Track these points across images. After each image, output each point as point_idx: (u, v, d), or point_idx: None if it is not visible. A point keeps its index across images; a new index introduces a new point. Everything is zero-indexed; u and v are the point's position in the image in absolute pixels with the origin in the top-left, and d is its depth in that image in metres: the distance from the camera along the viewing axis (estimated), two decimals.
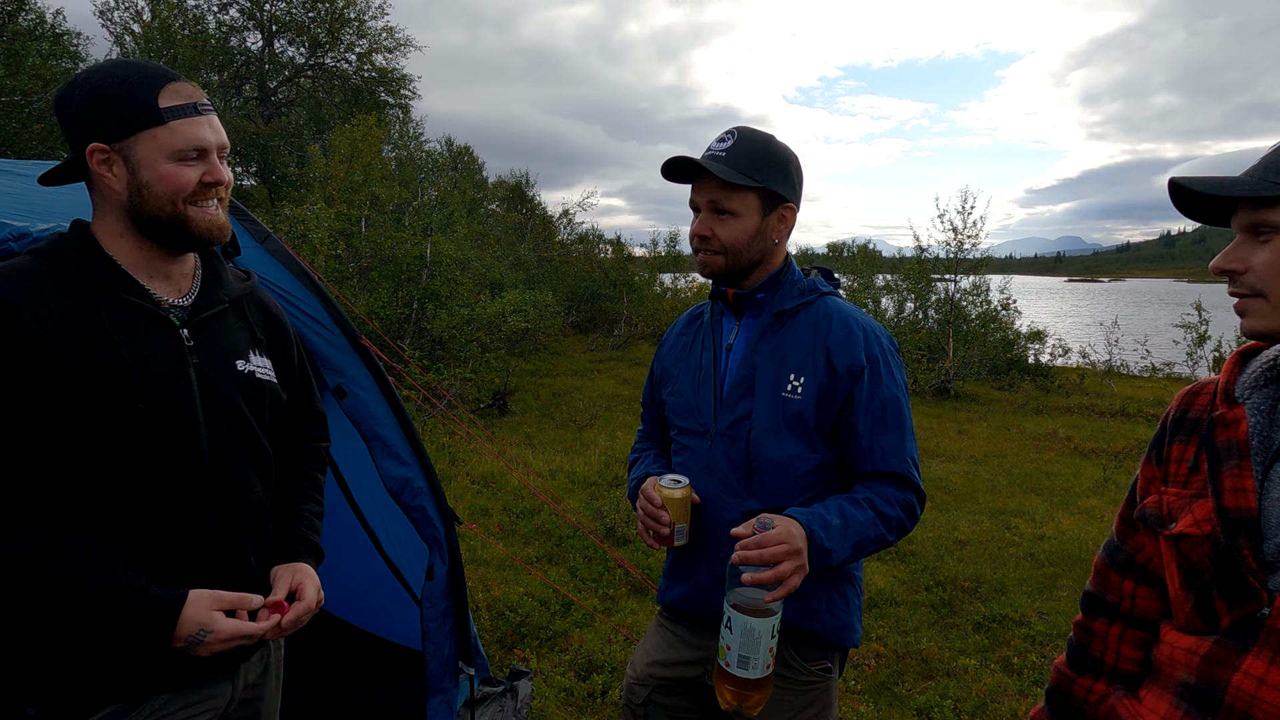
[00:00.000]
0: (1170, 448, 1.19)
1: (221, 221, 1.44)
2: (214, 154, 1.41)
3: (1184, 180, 1.08)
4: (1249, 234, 1.05)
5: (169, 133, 1.35)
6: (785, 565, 1.44)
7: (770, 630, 1.45)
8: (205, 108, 1.40)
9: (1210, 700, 1.02)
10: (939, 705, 3.47)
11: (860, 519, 1.59)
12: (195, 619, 1.33)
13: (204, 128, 1.39)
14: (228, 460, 1.46)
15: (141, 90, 1.34)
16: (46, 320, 1.28)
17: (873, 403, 1.66)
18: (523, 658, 3.76)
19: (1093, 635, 1.30)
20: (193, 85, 1.41)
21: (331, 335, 2.29)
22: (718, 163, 1.66)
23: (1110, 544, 1.31)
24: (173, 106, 1.35)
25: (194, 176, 1.37)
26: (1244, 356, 1.17)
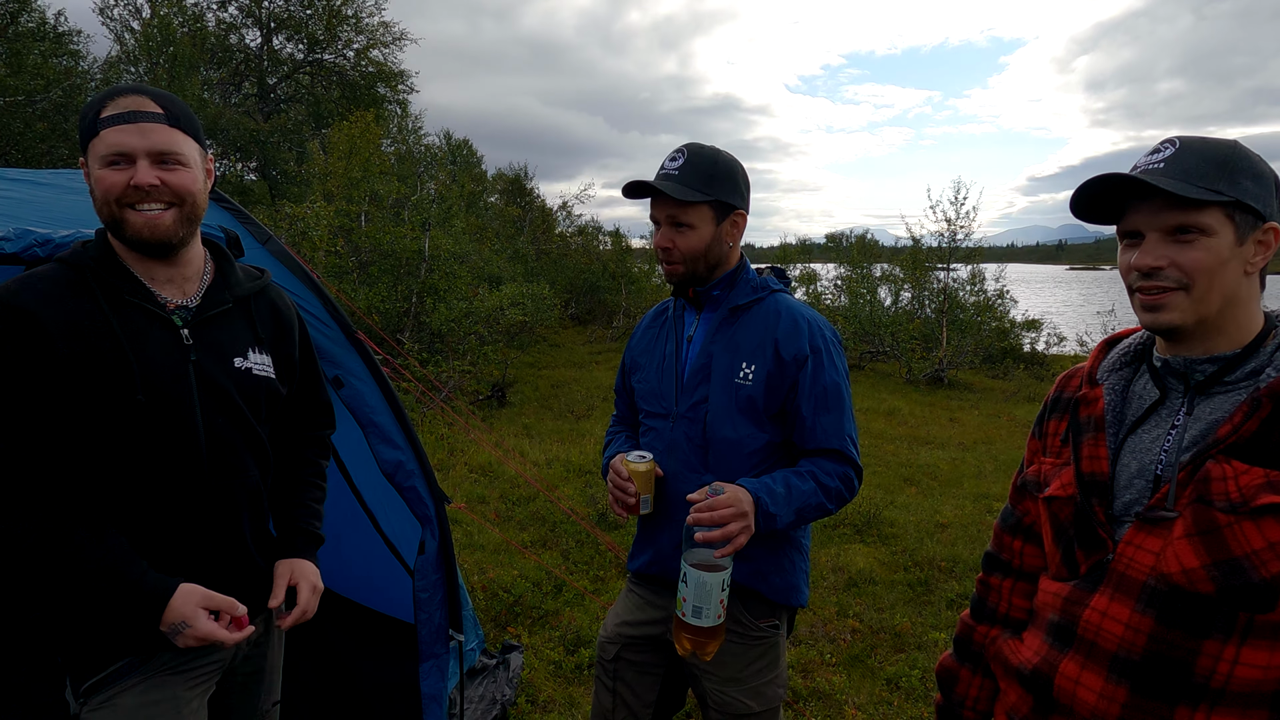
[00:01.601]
0: (1048, 423, 1.37)
1: (161, 223, 1.51)
2: (142, 159, 1.48)
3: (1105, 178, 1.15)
4: (1166, 235, 1.14)
5: (99, 141, 1.48)
6: (733, 526, 1.65)
7: (720, 584, 1.65)
8: (142, 115, 1.48)
9: (1068, 633, 1.21)
10: (907, 675, 3.67)
11: (803, 488, 1.78)
12: (180, 611, 1.51)
13: (129, 134, 1.46)
14: (223, 448, 1.62)
15: (95, 105, 1.49)
16: (63, 322, 1.46)
17: (815, 388, 1.84)
18: (515, 634, 3.96)
19: (990, 589, 1.49)
20: (144, 98, 1.50)
21: (329, 330, 2.48)
22: (671, 182, 1.84)
23: (1005, 510, 1.49)
24: (108, 116, 1.48)
25: (120, 180, 1.47)
26: (1108, 344, 1.36)
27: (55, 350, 1.44)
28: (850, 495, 1.86)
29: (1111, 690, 1.13)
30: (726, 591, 1.68)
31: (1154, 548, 1.12)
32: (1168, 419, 1.19)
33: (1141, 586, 1.12)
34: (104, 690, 1.53)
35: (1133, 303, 1.20)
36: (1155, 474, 1.16)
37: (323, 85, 22.34)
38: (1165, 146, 1.16)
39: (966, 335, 14.41)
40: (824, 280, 21.03)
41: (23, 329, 1.43)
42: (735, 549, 1.66)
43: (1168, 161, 1.14)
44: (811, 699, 3.51)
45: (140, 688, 1.54)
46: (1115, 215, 1.21)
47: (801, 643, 4.02)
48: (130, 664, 1.54)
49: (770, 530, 1.75)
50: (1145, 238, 1.16)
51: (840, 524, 5.82)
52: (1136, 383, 1.27)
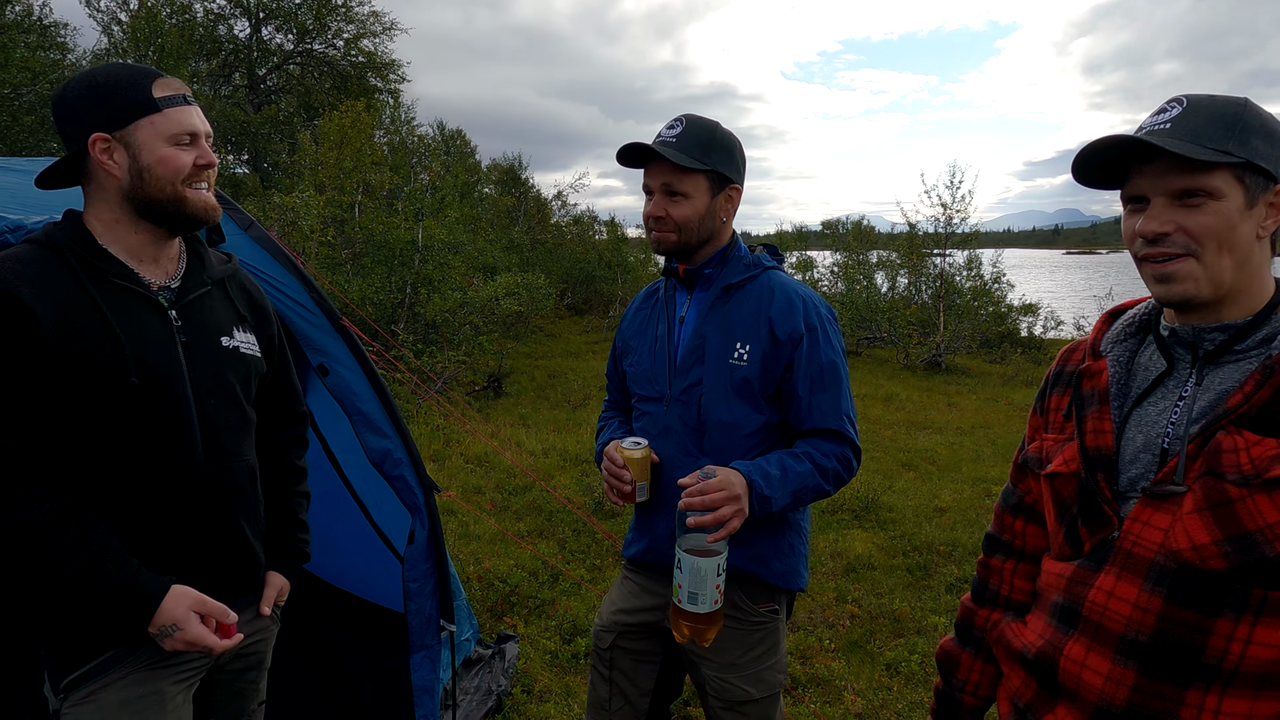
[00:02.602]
0: (1050, 398, 1.33)
1: (213, 202, 1.58)
2: (203, 139, 1.56)
3: (1115, 140, 1.09)
4: (1172, 199, 1.09)
5: (164, 119, 1.49)
6: (725, 509, 1.60)
7: (715, 569, 1.60)
8: (191, 99, 1.56)
9: (1072, 615, 1.17)
10: (906, 660, 3.64)
11: (799, 470, 1.74)
12: (172, 614, 1.47)
13: (194, 115, 1.54)
14: (218, 430, 1.59)
15: (137, 83, 1.49)
16: (48, 304, 1.41)
17: (811, 366, 1.79)
18: (511, 625, 3.93)
19: (991, 571, 1.44)
20: (178, 80, 1.56)
21: (314, 317, 2.42)
22: (669, 148, 1.79)
23: (1006, 490, 1.45)
24: (166, 96, 1.50)
25: (189, 159, 1.51)
26: (1112, 316, 1.31)
27: (43, 334, 1.39)
28: (849, 476, 1.81)
29: (1119, 672, 1.09)
30: (723, 576, 1.64)
31: (1162, 524, 1.08)
32: (1175, 390, 1.14)
33: (1149, 564, 1.08)
34: (85, 685, 1.49)
35: (1142, 273, 1.14)
36: (1162, 447, 1.12)
37: (313, 76, 22.18)
38: (1172, 105, 1.11)
39: (963, 320, 14.38)
40: (820, 267, 20.98)
41: (8, 313, 1.38)
42: (729, 533, 1.61)
43: (1174, 121, 1.09)
44: (810, 685, 3.48)
45: (123, 682, 1.50)
46: (1119, 179, 1.16)
47: (800, 629, 3.99)
48: (115, 656, 1.50)
49: (766, 514, 1.70)
50: (1150, 202, 1.10)
51: (838, 509, 5.79)
52: (1142, 354, 1.22)
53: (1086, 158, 1.14)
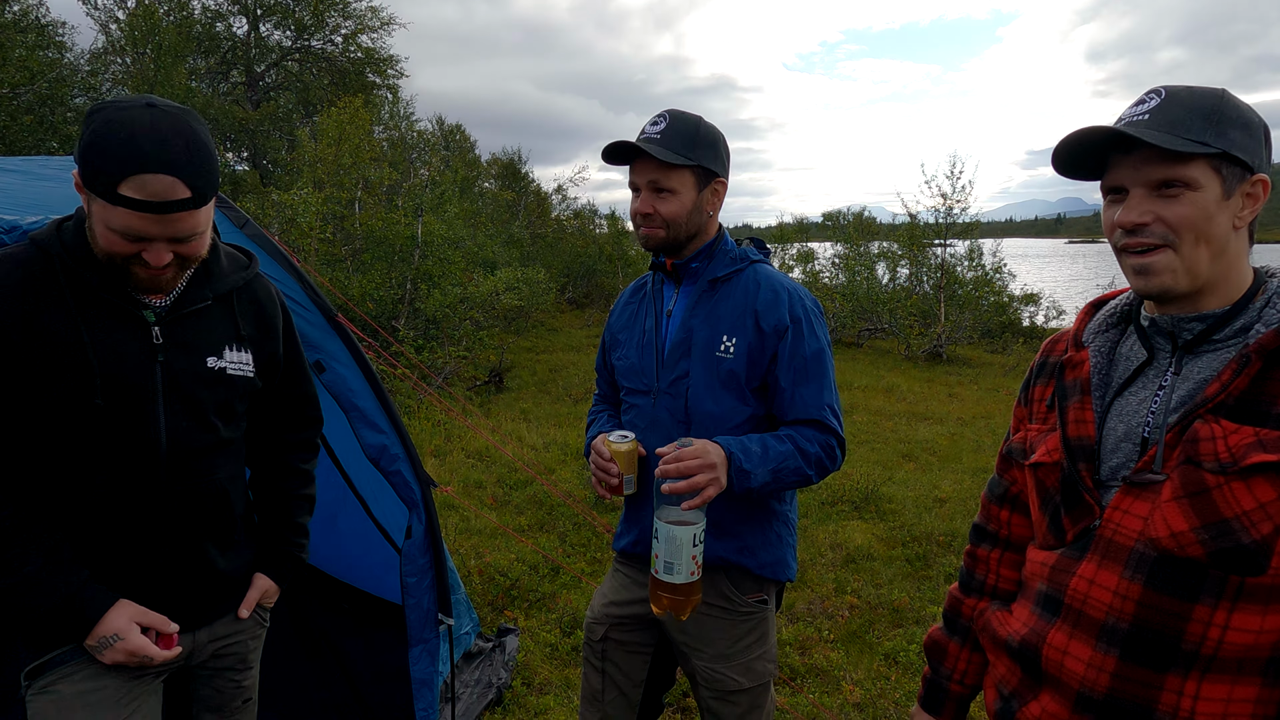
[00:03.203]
0: (1034, 389, 1.34)
1: (163, 279, 1.45)
2: (160, 242, 1.39)
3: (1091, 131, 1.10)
4: (1151, 190, 1.10)
5: (114, 212, 1.35)
6: (700, 477, 1.62)
7: (691, 539, 1.62)
8: (171, 206, 1.35)
9: (1055, 603, 1.18)
10: (905, 650, 3.66)
11: (780, 449, 1.74)
12: (113, 625, 1.48)
13: (149, 223, 1.35)
14: (187, 453, 1.55)
15: (112, 165, 1.32)
16: (18, 312, 1.39)
17: (794, 359, 1.80)
18: (511, 618, 3.95)
19: (977, 561, 1.46)
20: (172, 180, 1.34)
21: (309, 314, 2.43)
22: (654, 144, 1.79)
23: (992, 480, 1.46)
24: (129, 198, 1.33)
25: (129, 250, 1.39)
26: (1095, 306, 1.32)
27: (9, 343, 1.38)
28: (832, 464, 1.82)
29: (1100, 659, 1.10)
30: (700, 548, 1.65)
31: (1142, 512, 1.09)
32: (1155, 380, 1.15)
33: (1129, 552, 1.09)
34: (45, 675, 1.50)
35: (1121, 265, 1.15)
36: (1143, 436, 1.13)
37: (311, 72, 22.16)
38: (1150, 97, 1.11)
39: (965, 310, 14.37)
40: (822, 259, 20.97)
41: None
42: (703, 501, 1.63)
43: (1152, 113, 1.09)
44: (809, 675, 3.50)
45: (80, 675, 1.50)
46: (1099, 170, 1.17)
47: (799, 620, 4.01)
48: (74, 650, 1.50)
49: (746, 490, 1.71)
50: (1129, 193, 1.11)
51: (838, 501, 5.81)
52: (1124, 344, 1.23)
53: (1067, 149, 1.15)
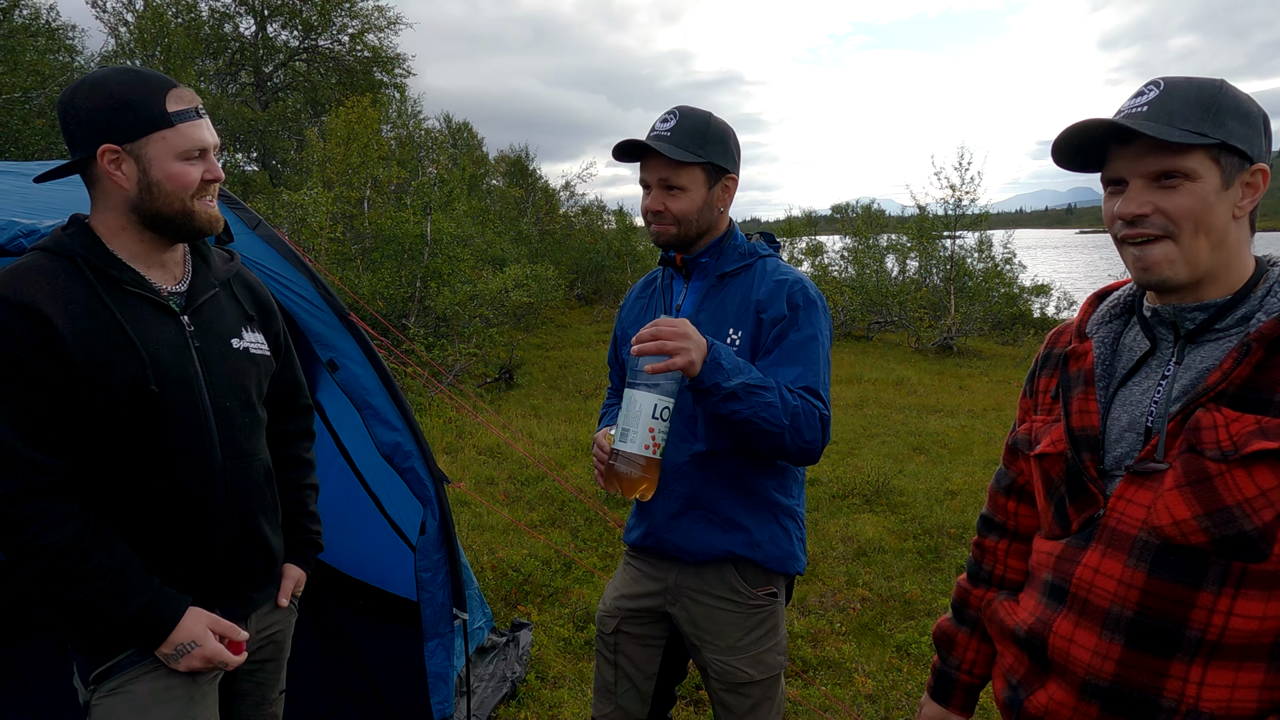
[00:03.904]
0: (1039, 380, 1.35)
1: (216, 214, 1.59)
2: (211, 152, 1.56)
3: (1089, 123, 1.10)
4: (1150, 181, 1.11)
5: (176, 135, 1.49)
6: (670, 344, 1.60)
7: (651, 408, 1.61)
8: (203, 111, 1.55)
9: (1061, 591, 1.19)
10: (917, 642, 3.67)
11: (761, 380, 1.69)
12: (190, 632, 1.53)
13: (204, 129, 1.54)
14: (234, 432, 1.62)
15: (151, 95, 1.48)
16: (66, 314, 1.43)
17: (781, 342, 1.80)
18: (525, 613, 3.98)
19: (985, 552, 1.47)
20: (191, 91, 1.55)
21: (322, 313, 2.46)
22: (664, 142, 1.80)
23: (999, 472, 1.47)
24: (179, 110, 1.50)
25: (198, 174, 1.52)
26: (1098, 297, 1.33)
27: (64, 344, 1.41)
28: (810, 431, 1.71)
29: (1105, 647, 1.12)
30: (661, 425, 1.63)
31: (1145, 501, 1.10)
32: (1158, 370, 1.16)
33: (1133, 541, 1.10)
34: (115, 676, 1.53)
35: (1123, 256, 1.16)
36: (1146, 426, 1.14)
37: (319, 72, 22.24)
38: (1149, 89, 1.12)
39: (975, 302, 14.32)
40: (830, 252, 20.91)
41: (31, 326, 1.39)
42: (669, 367, 1.60)
43: (1151, 104, 1.10)
44: (821, 668, 3.52)
45: (152, 675, 1.54)
46: (1099, 162, 1.18)
47: (811, 612, 4.03)
48: (138, 652, 1.54)
49: (713, 388, 1.63)
50: (1129, 184, 1.12)
51: (849, 494, 5.82)
52: (1127, 335, 1.24)
53: (1066, 141, 1.16)
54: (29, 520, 1.40)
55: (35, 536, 1.40)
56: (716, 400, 1.66)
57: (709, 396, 1.66)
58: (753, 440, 1.72)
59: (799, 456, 1.75)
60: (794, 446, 1.71)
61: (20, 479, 1.40)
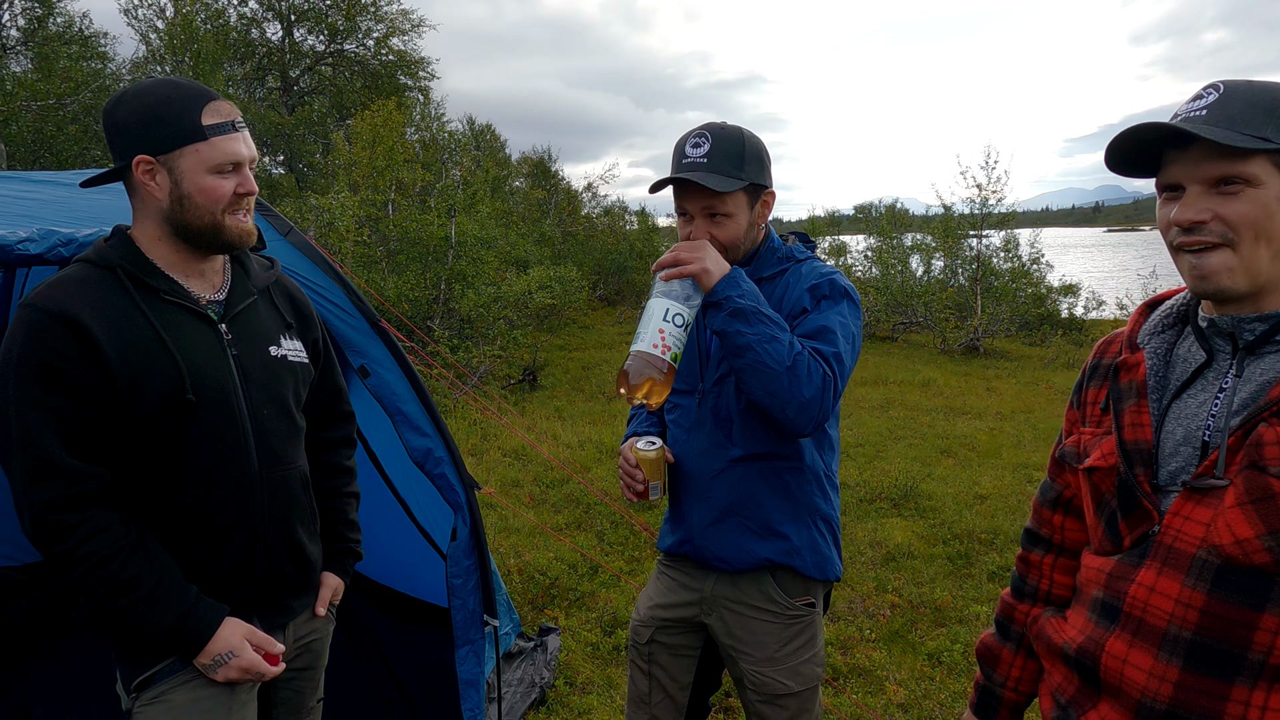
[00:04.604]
0: (1087, 392, 1.31)
1: (250, 228, 1.60)
2: (246, 166, 1.56)
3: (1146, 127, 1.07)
4: (1208, 186, 1.08)
5: (210, 148, 1.50)
6: (684, 255, 1.67)
7: (662, 311, 1.65)
8: (240, 125, 1.55)
9: (1113, 610, 1.16)
10: (949, 650, 3.62)
11: (776, 317, 1.68)
12: (228, 642, 1.53)
13: (239, 143, 1.54)
14: (271, 440, 1.63)
15: (187, 107, 1.49)
16: (106, 324, 1.45)
17: (806, 321, 1.76)
18: (552, 617, 3.98)
19: (1030, 566, 1.44)
20: (230, 104, 1.56)
21: (353, 319, 2.47)
22: (703, 171, 1.74)
23: (1044, 484, 1.44)
24: (214, 124, 1.50)
25: (229, 188, 1.53)
26: (1149, 307, 1.29)
27: (104, 354, 1.43)
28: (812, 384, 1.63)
29: (1162, 669, 1.08)
30: (672, 328, 1.64)
31: (1204, 518, 1.06)
32: (1215, 382, 1.13)
33: (1191, 559, 1.07)
34: (156, 684, 1.54)
35: (1178, 264, 1.12)
36: (1203, 440, 1.10)
37: (345, 76, 22.45)
38: (1208, 92, 1.09)
39: (1001, 303, 14.15)
40: (854, 252, 20.77)
41: (71, 337, 1.41)
42: (681, 273, 1.67)
43: (1210, 108, 1.07)
44: (852, 675, 3.48)
45: (192, 684, 1.55)
46: (1153, 168, 1.14)
47: (840, 619, 3.99)
48: (178, 661, 1.55)
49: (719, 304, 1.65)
50: (1185, 190, 1.09)
51: (876, 498, 5.76)
52: (1180, 345, 1.20)
53: (1120, 145, 1.13)
54: (70, 528, 1.42)
55: (76, 545, 1.42)
56: (725, 315, 1.65)
57: (719, 310, 1.66)
58: (751, 376, 1.64)
59: (795, 411, 1.63)
60: (791, 395, 1.62)
61: (61, 487, 1.41)
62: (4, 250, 1.81)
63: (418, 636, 3.04)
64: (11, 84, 13.06)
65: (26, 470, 1.41)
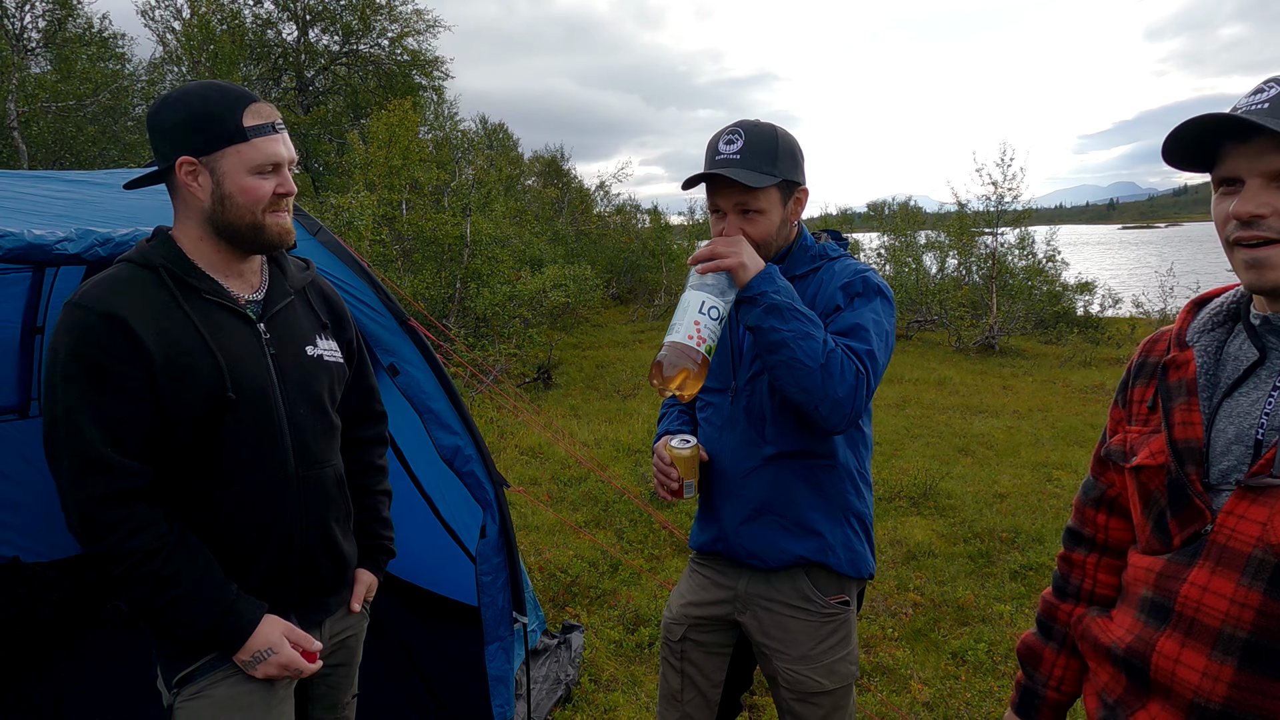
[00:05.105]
0: (1133, 390, 1.31)
1: (289, 227, 1.62)
2: (285, 167, 1.58)
3: (1212, 117, 1.06)
4: (1269, 180, 1.06)
5: (251, 149, 1.52)
6: (721, 248, 1.67)
7: (699, 304, 1.65)
8: (280, 126, 1.58)
9: (1164, 610, 1.16)
10: (973, 649, 3.61)
11: (810, 314, 1.67)
12: (267, 639, 1.55)
13: (279, 144, 1.56)
14: (307, 438, 1.65)
15: (229, 109, 1.51)
16: (149, 323, 1.47)
17: (838, 319, 1.75)
18: (574, 614, 3.99)
19: (1073, 565, 1.43)
20: (270, 106, 1.58)
21: (382, 318, 2.49)
22: (736, 168, 1.74)
23: (1086, 483, 1.43)
24: (255, 125, 1.53)
25: (270, 188, 1.55)
26: (1197, 305, 1.28)
27: (147, 352, 1.45)
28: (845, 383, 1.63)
29: (1216, 669, 1.08)
30: (709, 323, 1.64)
31: (1259, 516, 1.06)
32: (1269, 380, 1.12)
33: (1247, 559, 1.06)
34: (197, 680, 1.56)
35: (1231, 259, 1.11)
36: (1256, 439, 1.10)
37: (359, 76, 22.53)
38: (1271, 85, 1.08)
39: (1017, 301, 14.06)
40: (867, 250, 20.70)
41: (117, 335, 1.44)
42: (717, 266, 1.67)
43: (1272, 101, 1.06)
44: (875, 674, 3.48)
45: (232, 679, 1.57)
46: (1209, 161, 1.14)
47: (863, 617, 3.98)
48: (219, 657, 1.57)
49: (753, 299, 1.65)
50: (1245, 184, 1.08)
51: (896, 496, 5.75)
52: (1231, 343, 1.20)
53: (1179, 137, 1.12)
54: (115, 524, 1.44)
55: (121, 540, 1.44)
56: (760, 310, 1.64)
57: (754, 305, 1.65)
58: (785, 373, 1.64)
59: (828, 409, 1.63)
60: (824, 392, 1.61)
61: (107, 483, 1.44)
62: (43, 249, 1.83)
63: (444, 634, 3.06)
64: (32, 85, 13.19)
65: (74, 466, 1.43)
